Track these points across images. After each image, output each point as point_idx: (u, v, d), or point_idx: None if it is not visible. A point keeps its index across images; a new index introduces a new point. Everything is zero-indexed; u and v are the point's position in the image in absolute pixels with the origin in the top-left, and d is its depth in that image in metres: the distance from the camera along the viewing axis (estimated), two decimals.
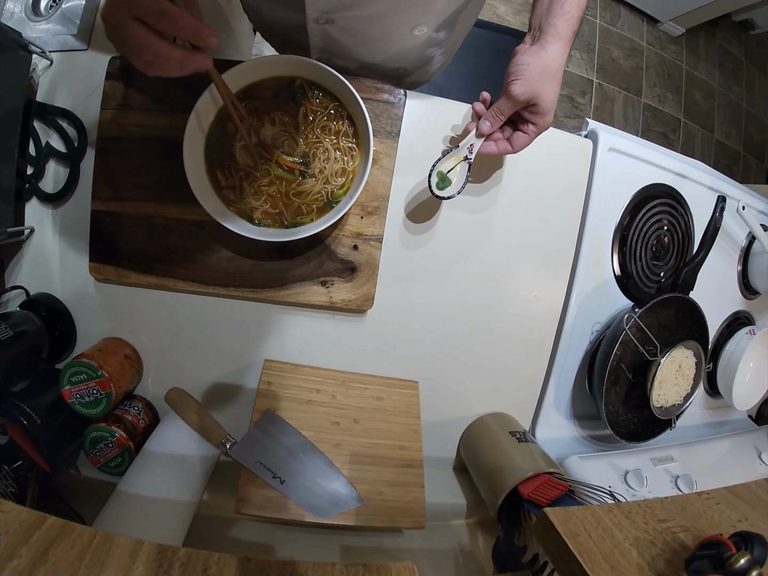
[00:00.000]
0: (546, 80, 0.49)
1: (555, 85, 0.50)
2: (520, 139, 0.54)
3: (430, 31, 0.55)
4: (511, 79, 0.49)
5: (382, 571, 0.31)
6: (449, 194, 0.54)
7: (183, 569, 0.28)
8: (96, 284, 0.60)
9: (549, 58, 0.48)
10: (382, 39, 0.56)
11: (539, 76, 0.48)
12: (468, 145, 0.55)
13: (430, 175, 0.54)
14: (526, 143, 0.54)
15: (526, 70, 0.48)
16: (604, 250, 0.73)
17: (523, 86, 0.48)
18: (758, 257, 0.86)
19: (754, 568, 0.26)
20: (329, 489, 0.52)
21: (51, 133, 0.58)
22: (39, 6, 0.62)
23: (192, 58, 0.37)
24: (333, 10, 0.49)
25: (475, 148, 0.54)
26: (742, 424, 0.97)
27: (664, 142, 2.28)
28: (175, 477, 0.53)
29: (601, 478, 0.63)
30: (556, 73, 0.49)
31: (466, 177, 0.55)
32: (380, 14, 0.50)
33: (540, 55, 0.48)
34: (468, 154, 0.55)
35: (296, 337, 0.63)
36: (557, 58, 0.49)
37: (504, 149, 0.54)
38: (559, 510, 0.34)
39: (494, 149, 0.54)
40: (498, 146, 0.54)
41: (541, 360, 0.71)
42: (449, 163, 0.55)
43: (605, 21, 2.22)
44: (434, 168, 0.54)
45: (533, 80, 0.48)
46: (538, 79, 0.48)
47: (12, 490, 0.49)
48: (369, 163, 0.50)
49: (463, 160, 0.55)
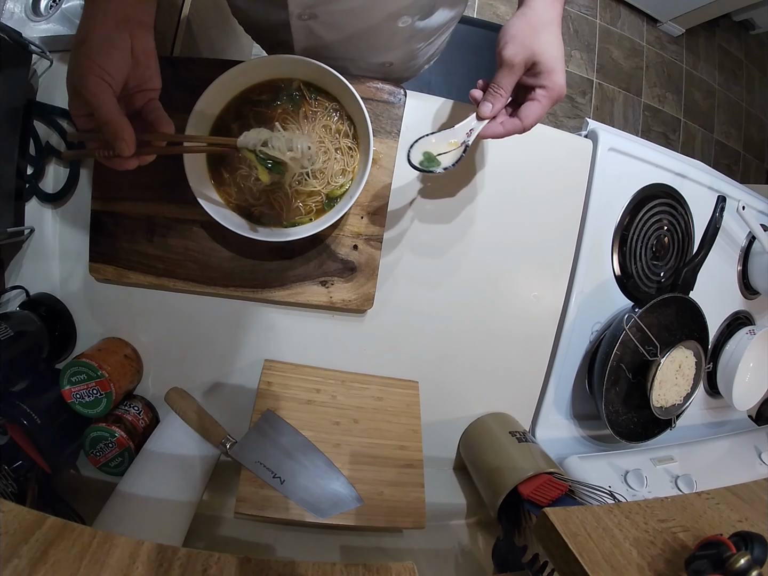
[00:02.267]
0: (539, 34, 0.43)
1: (552, 37, 0.44)
2: (530, 110, 0.46)
3: (414, 21, 0.54)
4: (501, 45, 0.44)
5: (382, 571, 0.31)
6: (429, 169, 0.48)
7: (183, 569, 0.28)
8: (96, 284, 0.60)
9: (536, 13, 0.44)
10: (366, 33, 0.54)
11: (530, 31, 0.43)
12: (467, 129, 0.48)
13: (411, 149, 0.48)
14: (538, 114, 0.46)
15: (513, 30, 0.44)
16: (604, 250, 0.73)
17: (515, 47, 0.43)
18: (758, 257, 0.86)
19: (754, 568, 0.26)
20: (329, 489, 0.52)
21: (51, 133, 0.58)
22: (39, 6, 0.62)
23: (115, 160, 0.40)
24: (316, 4, 0.48)
25: (475, 132, 0.47)
26: (742, 424, 0.97)
27: (664, 142, 2.28)
28: (175, 477, 0.53)
29: (601, 478, 0.63)
30: (549, 25, 0.44)
31: (461, 157, 0.48)
32: (363, 6, 0.48)
33: (525, 13, 0.44)
34: (466, 139, 0.48)
35: (296, 337, 0.63)
36: (546, 12, 0.44)
37: (513, 128, 0.47)
38: (559, 510, 0.34)
39: (500, 130, 0.47)
40: (505, 126, 0.47)
41: (541, 360, 0.71)
42: (442, 146, 0.48)
43: (605, 21, 2.22)
44: (417, 143, 0.48)
45: (524, 37, 0.43)
46: (529, 35, 0.43)
47: (12, 490, 0.49)
48: (369, 163, 0.50)
49: (459, 146, 0.48)
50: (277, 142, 0.45)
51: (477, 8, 1.97)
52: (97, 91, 0.36)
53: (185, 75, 0.55)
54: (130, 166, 0.41)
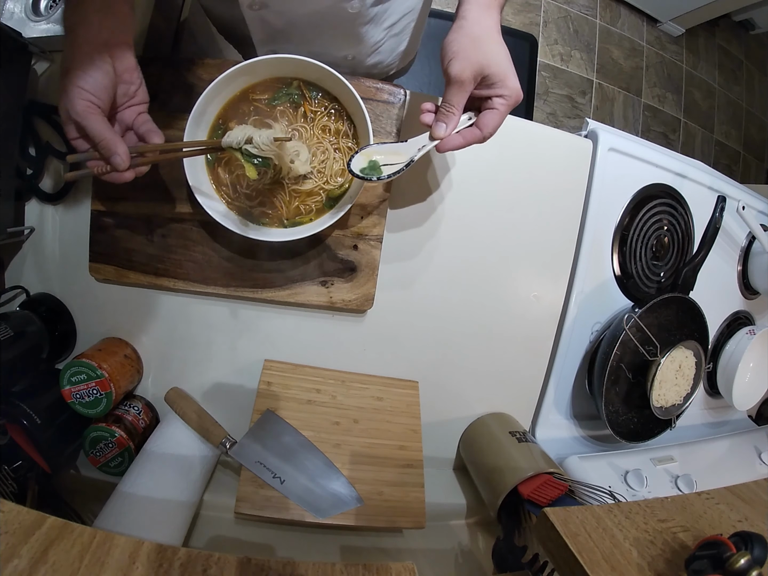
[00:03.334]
0: (480, 44, 0.42)
1: (495, 46, 0.43)
2: (489, 119, 0.44)
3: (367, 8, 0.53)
4: (445, 63, 0.43)
5: (382, 571, 0.31)
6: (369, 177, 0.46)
7: (183, 569, 0.28)
8: (96, 284, 0.60)
9: (473, 24, 0.42)
10: (317, 20, 0.54)
11: (471, 43, 0.42)
12: (419, 145, 0.47)
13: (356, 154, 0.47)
14: (497, 122, 0.45)
15: (454, 45, 0.42)
16: (604, 250, 0.73)
17: (460, 63, 0.42)
18: (758, 257, 0.86)
19: (754, 568, 0.26)
20: (329, 489, 0.52)
21: (51, 133, 0.58)
22: (39, 6, 0.62)
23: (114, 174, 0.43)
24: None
25: (425, 150, 0.47)
26: (742, 424, 0.97)
27: (664, 142, 2.28)
28: (175, 477, 0.53)
29: (601, 478, 0.63)
30: (489, 33, 0.43)
31: (401, 170, 0.46)
32: None
33: (462, 26, 0.43)
34: (414, 156, 0.47)
35: (296, 337, 0.63)
36: (482, 20, 0.43)
37: (473, 138, 0.46)
38: (559, 510, 0.34)
39: (460, 141, 0.46)
40: (465, 137, 0.46)
41: (541, 360, 0.71)
42: (390, 157, 0.47)
43: (605, 21, 2.22)
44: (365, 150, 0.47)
45: (468, 51, 0.42)
46: (471, 47, 0.42)
47: (12, 490, 0.49)
48: None
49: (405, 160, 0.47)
50: (260, 139, 0.45)
51: None
52: (87, 114, 0.40)
53: (185, 75, 0.55)
54: (127, 178, 0.44)
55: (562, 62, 2.10)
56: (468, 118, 0.46)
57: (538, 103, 2.03)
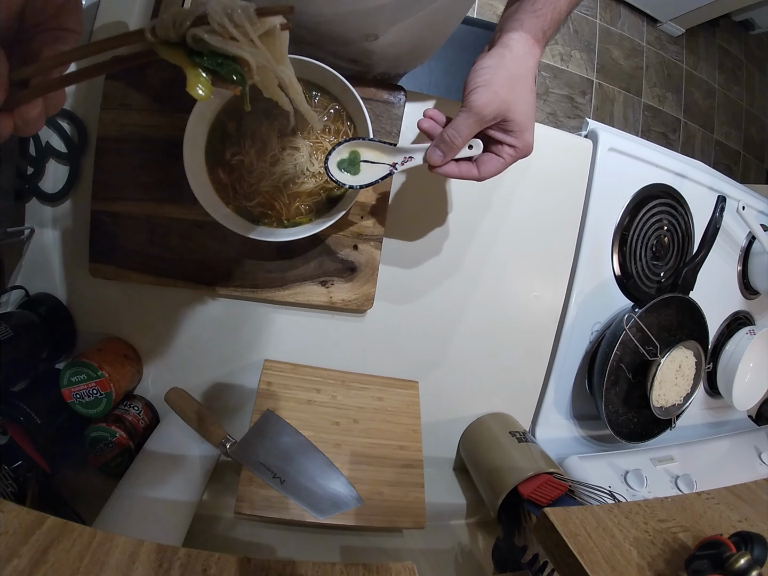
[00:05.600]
0: (516, 86, 0.38)
1: (528, 94, 0.39)
2: (491, 164, 0.42)
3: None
4: (471, 88, 0.38)
5: (382, 571, 0.31)
6: (342, 180, 0.44)
7: (183, 569, 0.28)
8: (96, 284, 0.60)
9: (515, 58, 0.38)
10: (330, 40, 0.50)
11: (506, 81, 0.38)
12: (407, 155, 0.43)
13: (339, 145, 0.44)
14: (497, 170, 0.42)
15: (488, 74, 0.38)
16: (604, 250, 0.73)
17: (488, 95, 0.38)
18: (758, 257, 0.86)
19: (754, 568, 0.26)
20: (329, 489, 0.52)
21: (51, 133, 0.58)
22: None
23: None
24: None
25: (411, 164, 0.43)
26: (742, 424, 0.97)
27: (664, 142, 2.28)
28: (175, 477, 0.53)
29: (601, 478, 0.63)
30: (527, 79, 0.39)
31: (375, 181, 0.44)
32: None
33: (504, 55, 0.39)
34: (398, 165, 0.44)
35: (296, 337, 0.63)
36: (526, 58, 0.39)
37: (467, 173, 0.43)
38: (559, 510, 0.34)
39: (455, 172, 0.43)
40: (460, 170, 0.43)
41: (541, 360, 0.71)
42: (373, 154, 0.44)
43: (605, 21, 2.22)
44: (349, 142, 0.45)
45: (499, 86, 0.38)
46: (505, 85, 0.38)
47: (12, 490, 0.49)
48: None
49: (388, 165, 0.44)
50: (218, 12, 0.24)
51: (477, 8, 1.97)
52: None
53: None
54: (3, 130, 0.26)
55: (562, 62, 2.10)
56: (468, 147, 0.42)
57: (538, 103, 2.03)
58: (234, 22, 0.24)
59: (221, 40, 0.24)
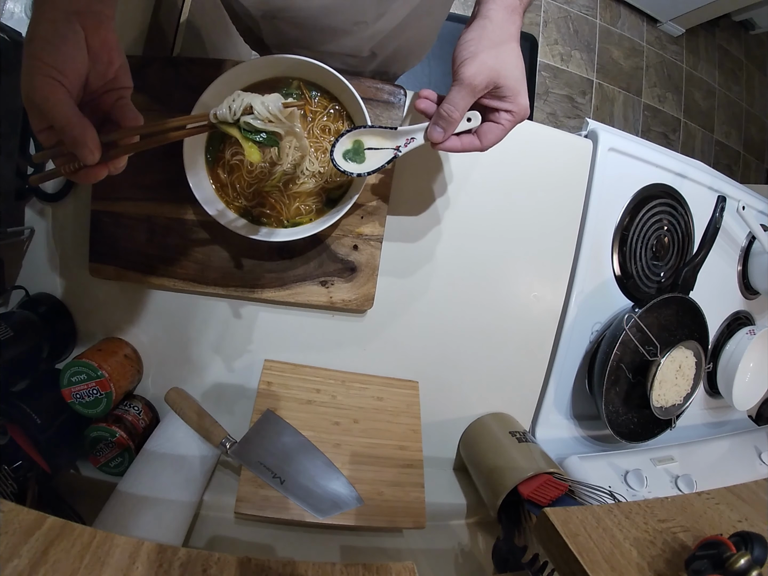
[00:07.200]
0: (501, 53, 0.39)
1: (515, 58, 0.40)
2: (492, 133, 0.42)
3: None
4: (459, 62, 0.40)
5: (382, 571, 0.31)
6: (349, 170, 0.45)
7: (183, 569, 0.28)
8: (96, 284, 0.60)
9: (496, 27, 0.39)
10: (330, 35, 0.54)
11: (491, 49, 0.39)
12: (409, 136, 0.44)
13: (342, 136, 0.45)
14: (499, 137, 0.43)
15: (472, 45, 0.39)
16: (604, 250, 0.73)
17: (476, 65, 0.39)
18: (758, 257, 0.86)
19: (754, 568, 0.26)
20: (329, 489, 0.52)
21: None
22: None
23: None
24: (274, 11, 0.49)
25: (413, 144, 0.44)
26: (742, 424, 0.97)
27: (664, 142, 2.28)
28: (175, 477, 0.53)
29: (601, 478, 0.63)
30: (510, 44, 0.40)
31: (382, 166, 0.45)
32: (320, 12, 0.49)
33: (484, 26, 0.40)
34: (402, 147, 0.44)
35: (296, 337, 0.63)
36: (506, 25, 0.40)
37: (470, 146, 0.43)
38: (559, 510, 0.34)
39: (457, 145, 0.43)
40: (462, 142, 0.43)
41: (541, 360, 0.71)
42: (376, 140, 0.45)
43: (605, 21, 2.22)
44: (351, 132, 0.45)
45: (486, 55, 0.39)
46: (491, 53, 0.39)
47: (12, 490, 0.49)
48: None
49: (392, 149, 0.45)
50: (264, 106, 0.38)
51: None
52: (48, 92, 0.32)
53: (185, 75, 0.55)
54: (99, 175, 0.35)
55: (562, 62, 2.10)
56: (467, 119, 0.43)
57: (538, 103, 2.03)
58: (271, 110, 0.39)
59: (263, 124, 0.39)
